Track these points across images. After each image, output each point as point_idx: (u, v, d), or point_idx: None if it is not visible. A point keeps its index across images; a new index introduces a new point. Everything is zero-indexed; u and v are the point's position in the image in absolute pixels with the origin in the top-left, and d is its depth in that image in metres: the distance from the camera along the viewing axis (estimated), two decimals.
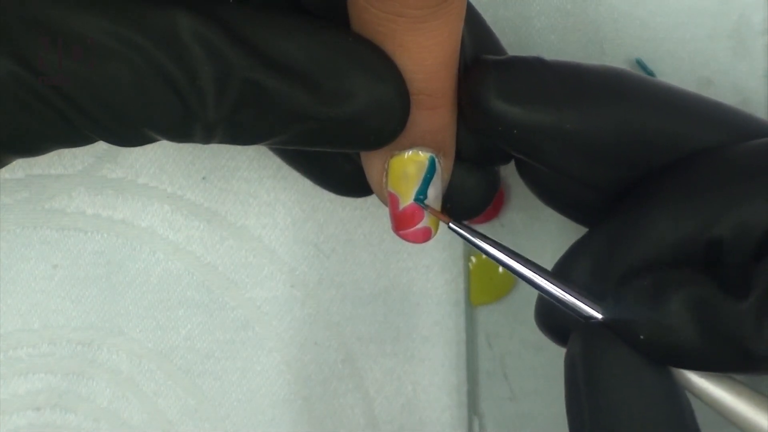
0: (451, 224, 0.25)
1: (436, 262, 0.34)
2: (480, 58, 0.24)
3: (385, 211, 0.33)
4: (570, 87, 0.24)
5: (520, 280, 0.33)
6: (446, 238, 0.34)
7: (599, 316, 0.24)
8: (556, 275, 0.24)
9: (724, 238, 0.23)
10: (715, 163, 0.24)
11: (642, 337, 0.23)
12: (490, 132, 0.24)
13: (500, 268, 0.34)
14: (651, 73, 0.34)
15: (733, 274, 0.23)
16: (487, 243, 0.24)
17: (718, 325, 0.22)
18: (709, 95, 0.34)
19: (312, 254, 0.33)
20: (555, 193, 0.27)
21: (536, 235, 0.34)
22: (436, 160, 0.24)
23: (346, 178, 0.27)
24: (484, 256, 0.34)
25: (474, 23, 0.24)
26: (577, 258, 0.25)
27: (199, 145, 0.32)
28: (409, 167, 0.24)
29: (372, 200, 0.33)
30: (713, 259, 0.23)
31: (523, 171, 0.27)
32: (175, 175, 0.32)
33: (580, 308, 0.24)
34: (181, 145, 0.32)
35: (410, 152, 0.24)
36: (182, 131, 0.22)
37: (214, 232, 0.32)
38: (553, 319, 0.26)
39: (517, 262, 0.24)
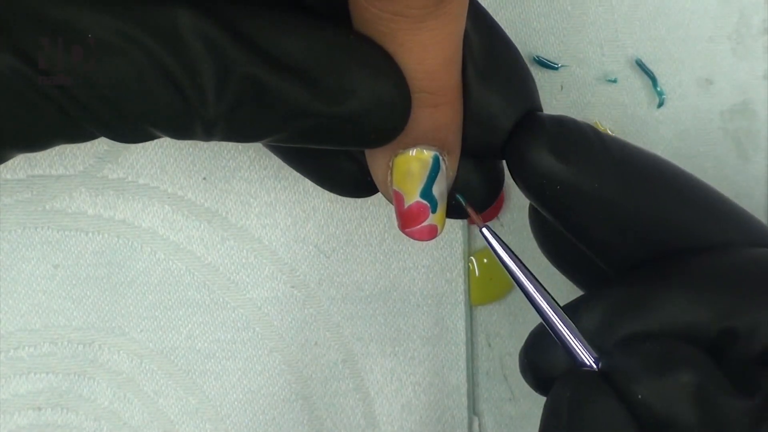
0: (483, 229, 0.25)
1: (437, 262, 0.34)
2: (534, 113, 0.25)
3: (385, 211, 0.33)
4: (616, 160, 0.25)
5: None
6: (447, 238, 0.34)
7: (595, 366, 0.24)
8: (567, 311, 0.24)
9: (738, 331, 0.23)
10: (741, 260, 0.25)
11: (640, 396, 0.23)
12: (531, 184, 0.25)
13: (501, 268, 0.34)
14: (651, 75, 0.34)
15: (738, 369, 0.23)
16: (511, 258, 0.25)
17: (716, 415, 0.22)
18: (708, 96, 0.35)
19: (312, 254, 0.33)
20: (563, 255, 0.28)
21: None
22: (441, 158, 0.24)
23: (348, 179, 0.27)
24: (485, 257, 0.34)
25: (484, 24, 0.24)
26: (590, 307, 0.25)
27: (199, 146, 0.32)
28: (413, 165, 0.24)
29: (372, 200, 0.33)
30: (724, 346, 0.24)
31: (538, 227, 0.28)
32: (176, 175, 0.32)
33: (578, 353, 0.24)
34: (181, 145, 0.32)
35: (414, 151, 0.24)
36: (183, 128, 0.22)
37: (215, 232, 0.33)
38: (542, 358, 0.26)
39: (534, 287, 0.24)
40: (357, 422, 0.34)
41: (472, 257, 0.34)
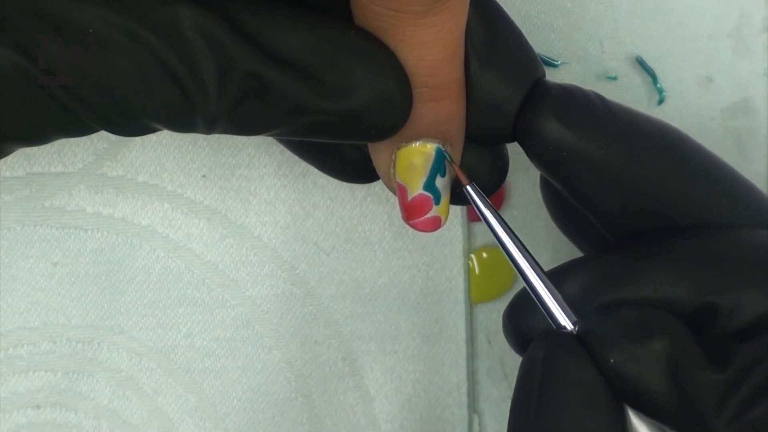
0: (468, 186, 0.25)
1: (437, 259, 0.34)
2: (542, 80, 0.25)
3: (385, 209, 0.33)
4: (623, 128, 0.25)
5: (520, 278, 0.33)
6: (447, 235, 0.34)
7: (572, 328, 0.24)
8: (547, 274, 0.24)
9: (719, 308, 0.24)
10: (733, 240, 0.25)
11: (612, 360, 0.23)
12: (538, 151, 0.25)
13: (502, 265, 0.34)
14: (651, 72, 0.34)
15: (715, 344, 0.23)
16: (495, 217, 0.25)
17: (688, 384, 0.22)
18: (709, 93, 0.35)
19: (312, 252, 0.33)
20: (573, 225, 0.28)
21: (536, 232, 0.34)
22: (443, 150, 0.24)
23: (351, 165, 0.27)
24: (485, 254, 0.34)
25: (486, 11, 0.24)
26: (574, 272, 0.25)
27: (199, 144, 0.32)
28: (415, 158, 0.24)
29: (372, 198, 0.33)
30: (703, 321, 0.24)
31: (549, 197, 0.28)
32: (175, 173, 0.32)
33: (556, 315, 0.24)
34: (181, 143, 0.32)
35: (417, 144, 0.24)
36: (184, 122, 0.22)
37: (214, 230, 0.32)
38: (523, 321, 0.26)
39: (517, 247, 0.25)
40: (357, 420, 0.34)
41: (472, 255, 0.34)
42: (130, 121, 0.22)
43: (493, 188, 0.26)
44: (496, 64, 0.24)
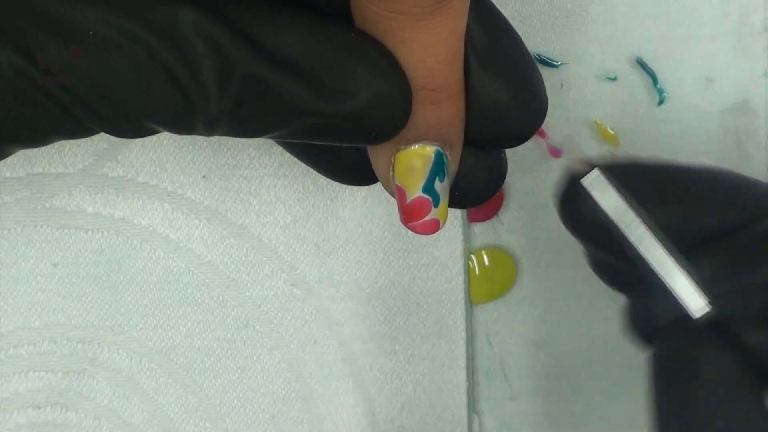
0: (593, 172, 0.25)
1: (436, 260, 0.34)
2: (585, 160, 0.25)
3: (385, 210, 0.33)
4: (650, 177, 0.25)
5: (520, 278, 0.33)
6: (447, 236, 0.34)
7: (705, 314, 0.23)
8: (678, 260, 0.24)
9: None
10: None
11: (752, 342, 0.22)
12: (583, 232, 0.25)
13: (502, 266, 0.34)
14: (651, 73, 0.34)
15: None
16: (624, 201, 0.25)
17: None
18: (709, 94, 0.35)
19: (312, 253, 0.33)
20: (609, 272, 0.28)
21: (536, 233, 0.34)
22: (443, 153, 0.24)
23: (350, 168, 0.27)
24: (484, 255, 0.34)
25: (488, 15, 0.24)
26: (704, 257, 0.25)
27: (199, 144, 0.32)
28: (414, 161, 0.24)
29: (372, 199, 0.33)
30: None
31: (598, 268, 0.28)
32: (176, 173, 0.32)
33: (688, 302, 0.24)
34: (181, 143, 0.32)
35: (416, 146, 0.24)
36: (184, 124, 0.22)
37: (215, 230, 0.32)
38: (651, 309, 0.26)
39: (648, 235, 0.24)
40: (357, 421, 0.34)
41: (472, 255, 0.34)
42: (130, 122, 0.22)
43: (491, 192, 0.26)
44: (497, 66, 0.24)
